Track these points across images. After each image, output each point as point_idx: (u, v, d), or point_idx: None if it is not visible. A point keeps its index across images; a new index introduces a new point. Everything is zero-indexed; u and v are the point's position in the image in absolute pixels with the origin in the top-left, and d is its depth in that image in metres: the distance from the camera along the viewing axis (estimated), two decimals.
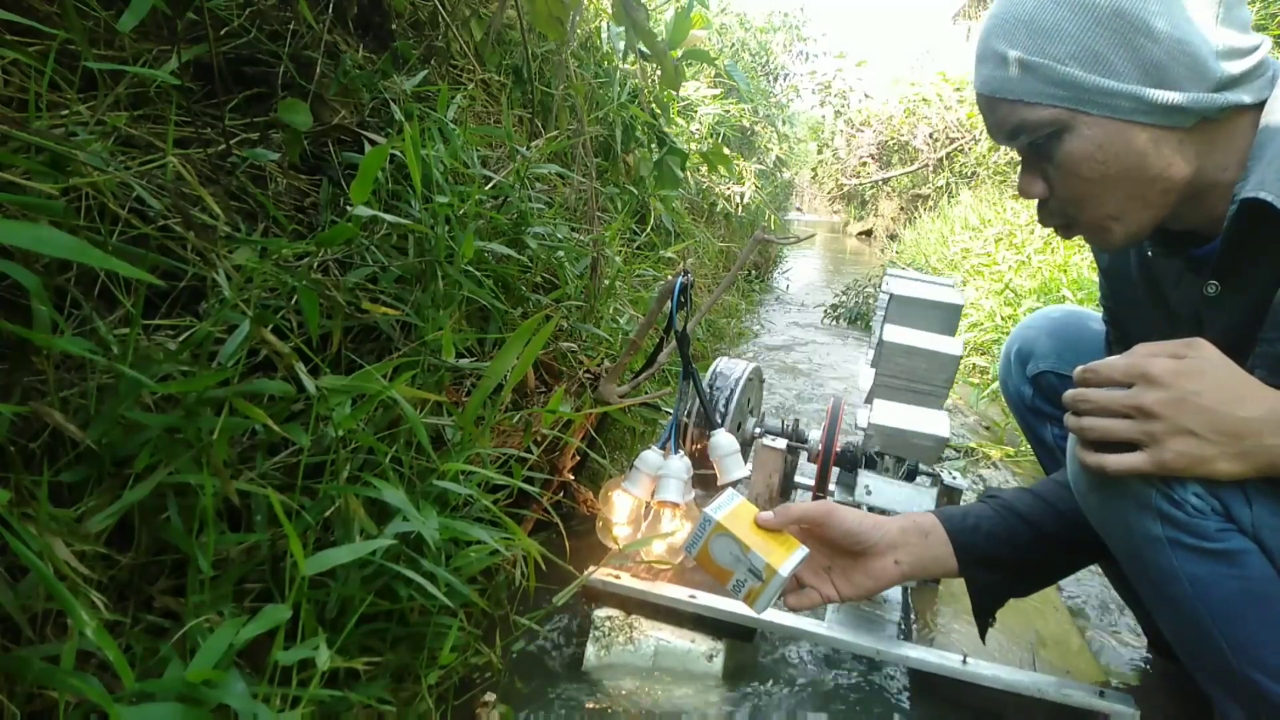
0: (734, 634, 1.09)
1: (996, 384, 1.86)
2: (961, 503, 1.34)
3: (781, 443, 1.45)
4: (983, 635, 0.92)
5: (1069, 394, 0.71)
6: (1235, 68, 0.70)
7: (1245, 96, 0.71)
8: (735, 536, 0.82)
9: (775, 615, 1.07)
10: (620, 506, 1.16)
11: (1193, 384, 0.64)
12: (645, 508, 1.18)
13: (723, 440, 1.18)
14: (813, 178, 12.30)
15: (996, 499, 0.90)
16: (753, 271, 4.95)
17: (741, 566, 0.83)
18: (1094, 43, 0.70)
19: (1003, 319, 3.07)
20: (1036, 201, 0.81)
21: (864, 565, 0.86)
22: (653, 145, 2.41)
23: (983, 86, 0.77)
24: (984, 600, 0.89)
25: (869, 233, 10.55)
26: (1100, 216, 0.76)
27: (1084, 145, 0.73)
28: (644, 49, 1.49)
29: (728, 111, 3.93)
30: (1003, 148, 6.32)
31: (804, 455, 1.48)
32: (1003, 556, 0.86)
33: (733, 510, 0.85)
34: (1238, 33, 0.70)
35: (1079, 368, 0.71)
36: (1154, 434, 0.65)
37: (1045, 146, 0.75)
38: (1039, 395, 1.13)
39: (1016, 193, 0.85)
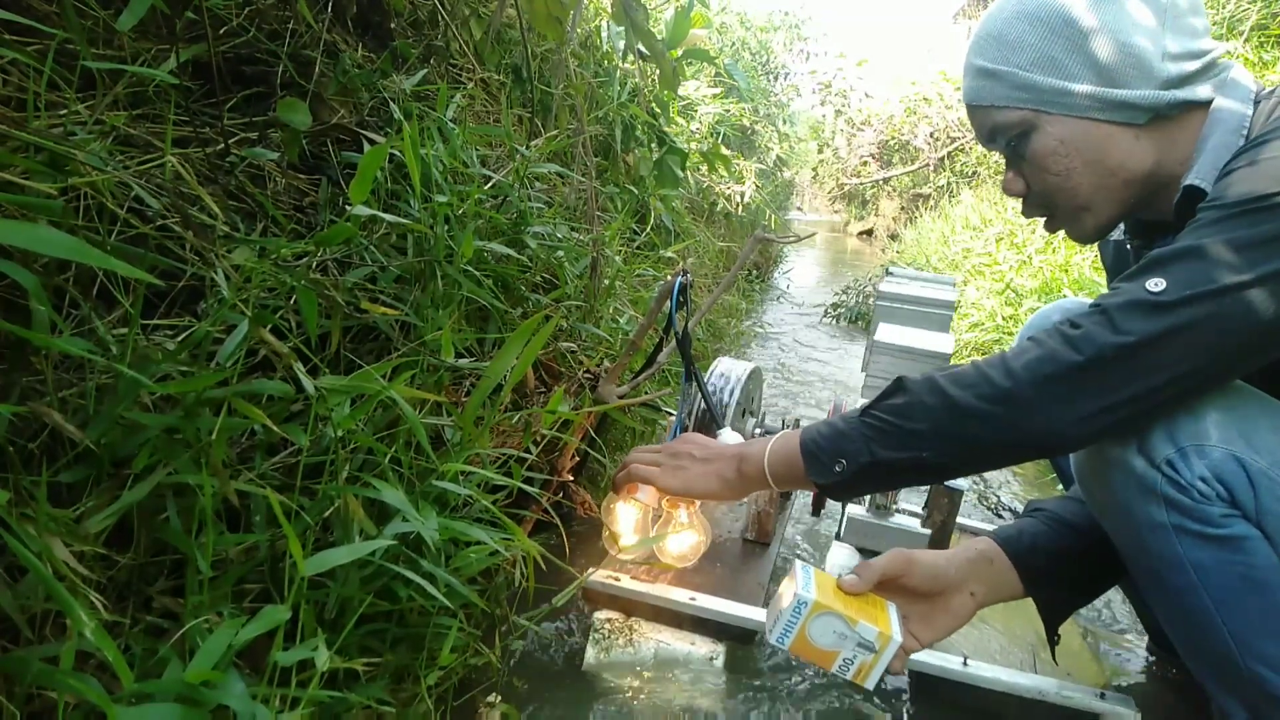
0: (734, 637, 1.09)
1: None
2: (961, 503, 1.35)
3: None
4: (1053, 652, 0.92)
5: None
6: (1186, 67, 0.77)
7: (1200, 92, 0.77)
8: (836, 612, 0.75)
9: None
10: (625, 517, 1.15)
11: (694, 439, 0.93)
12: (652, 513, 1.17)
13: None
14: (813, 177, 12.28)
15: (1044, 511, 0.91)
16: (753, 271, 4.95)
17: (849, 643, 0.76)
18: (1051, 50, 0.78)
19: (1004, 319, 3.07)
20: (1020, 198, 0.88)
21: (942, 604, 0.83)
22: (653, 145, 2.40)
23: (965, 97, 0.86)
24: (1053, 616, 0.89)
25: (870, 232, 10.53)
26: (1072, 207, 0.83)
27: (1049, 141, 0.80)
28: (643, 49, 1.49)
29: (728, 111, 3.93)
30: None
31: None
32: (1065, 571, 0.87)
33: (817, 584, 0.78)
34: (1189, 38, 0.77)
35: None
36: (672, 462, 0.90)
37: (1019, 146, 0.82)
38: None
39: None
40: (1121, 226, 0.94)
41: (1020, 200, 0.88)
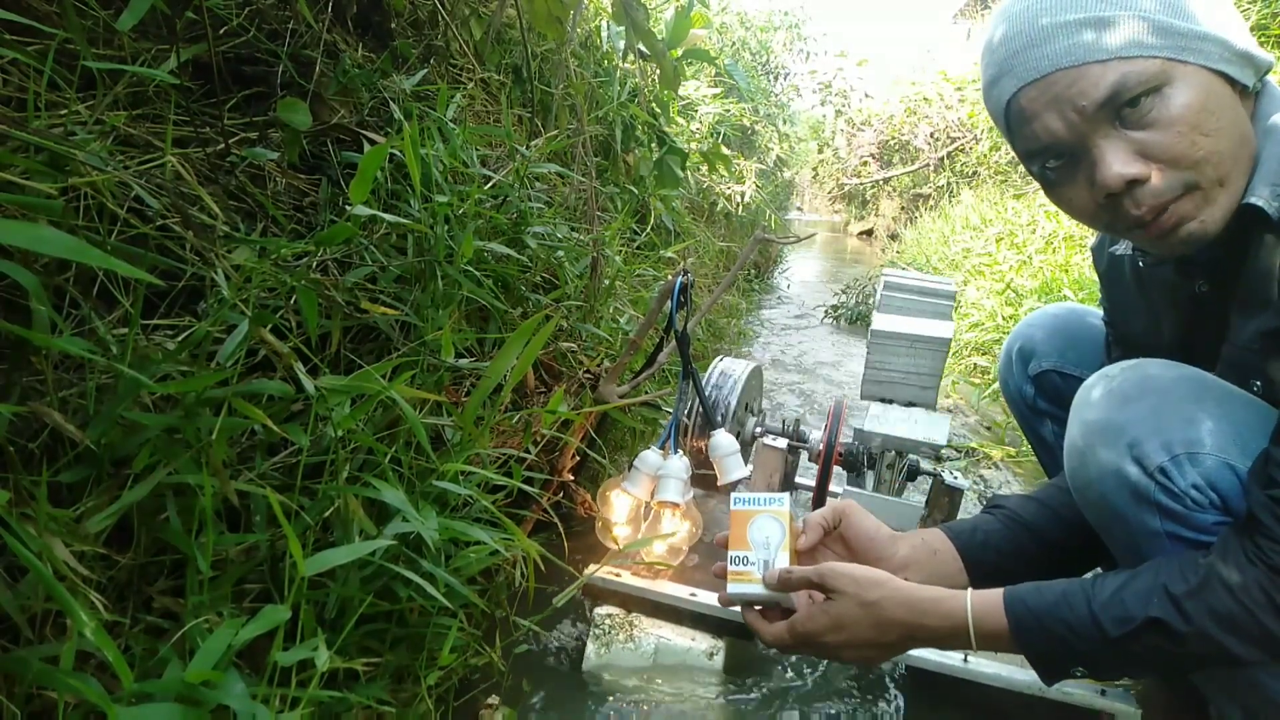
0: (735, 632, 1.09)
1: (998, 384, 1.85)
2: (962, 503, 1.35)
3: (782, 442, 1.45)
4: None
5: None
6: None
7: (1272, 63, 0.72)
8: (787, 533, 0.83)
9: None
10: (619, 507, 1.16)
11: (843, 636, 0.78)
12: (645, 508, 1.18)
13: (723, 440, 1.18)
14: (813, 177, 12.27)
15: (1002, 509, 0.91)
16: (753, 271, 4.95)
17: (758, 553, 0.83)
18: None
19: (1004, 319, 3.07)
20: (1108, 196, 0.70)
21: None
22: (653, 145, 2.40)
23: (1059, 60, 0.68)
24: None
25: (870, 232, 10.53)
26: (1214, 180, 0.69)
27: (1195, 94, 0.67)
28: (643, 48, 1.49)
29: (728, 111, 3.93)
30: (1004, 148, 6.26)
31: (804, 455, 1.48)
32: (1013, 570, 0.86)
33: (791, 520, 0.86)
34: None
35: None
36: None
37: (1139, 110, 0.67)
38: (1040, 394, 1.13)
39: (1090, 188, 0.72)
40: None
41: (1115, 197, 0.70)
